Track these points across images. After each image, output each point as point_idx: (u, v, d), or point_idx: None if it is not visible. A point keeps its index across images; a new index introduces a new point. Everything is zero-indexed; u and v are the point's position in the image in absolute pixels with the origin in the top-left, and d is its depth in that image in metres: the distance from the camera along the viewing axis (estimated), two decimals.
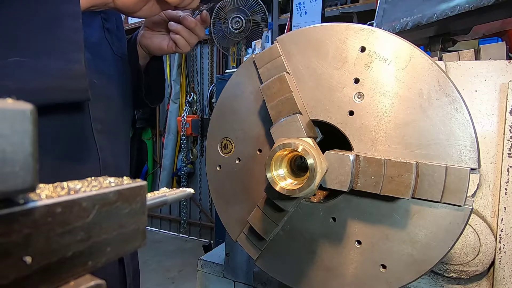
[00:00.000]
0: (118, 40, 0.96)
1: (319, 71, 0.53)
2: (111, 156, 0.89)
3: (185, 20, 0.91)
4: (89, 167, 0.83)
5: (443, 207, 0.45)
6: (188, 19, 0.91)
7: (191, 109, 4.17)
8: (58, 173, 0.75)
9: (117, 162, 0.92)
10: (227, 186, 0.63)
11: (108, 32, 0.93)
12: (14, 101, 0.18)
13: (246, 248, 0.60)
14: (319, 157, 0.45)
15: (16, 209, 0.19)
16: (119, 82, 0.95)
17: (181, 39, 0.93)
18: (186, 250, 4.20)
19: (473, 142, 0.44)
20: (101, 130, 0.86)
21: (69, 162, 0.78)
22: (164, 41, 0.96)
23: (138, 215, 0.28)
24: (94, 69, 0.84)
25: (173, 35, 0.93)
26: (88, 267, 0.24)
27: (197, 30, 0.93)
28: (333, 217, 0.53)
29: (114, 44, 0.94)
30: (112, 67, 0.92)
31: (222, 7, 3.46)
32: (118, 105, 0.94)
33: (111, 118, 0.90)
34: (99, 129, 0.85)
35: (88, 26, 0.86)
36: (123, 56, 0.98)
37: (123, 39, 0.99)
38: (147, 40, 0.99)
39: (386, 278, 0.49)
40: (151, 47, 0.98)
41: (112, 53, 0.93)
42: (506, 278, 0.59)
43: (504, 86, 0.59)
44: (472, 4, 0.69)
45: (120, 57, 0.96)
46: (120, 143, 0.96)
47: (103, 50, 0.90)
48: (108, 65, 0.91)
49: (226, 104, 0.63)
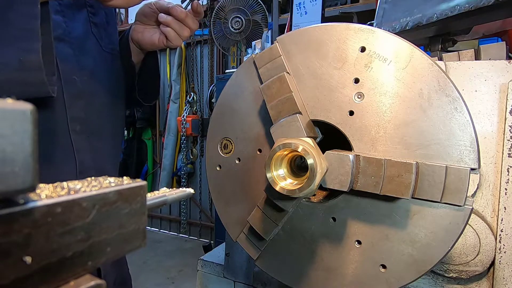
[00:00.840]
0: (108, 35, 0.92)
1: (319, 71, 0.53)
2: (91, 159, 0.84)
3: (174, 10, 0.86)
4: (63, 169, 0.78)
5: (443, 207, 0.45)
6: (177, 10, 0.86)
7: (191, 109, 4.17)
8: None
9: (100, 165, 0.87)
10: (227, 186, 0.63)
11: (96, 27, 0.88)
12: (14, 101, 0.18)
13: (246, 248, 0.60)
14: (319, 157, 0.45)
15: (16, 209, 0.19)
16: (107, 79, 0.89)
17: (171, 32, 0.87)
18: (186, 250, 4.20)
19: (473, 142, 0.44)
20: (80, 130, 0.81)
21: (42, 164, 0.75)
22: (155, 35, 0.91)
23: (138, 215, 0.28)
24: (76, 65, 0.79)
25: (164, 28, 0.88)
26: (88, 267, 0.24)
27: (188, 22, 0.87)
28: (333, 217, 0.53)
29: (102, 39, 0.89)
30: (98, 63, 0.87)
31: (222, 7, 3.46)
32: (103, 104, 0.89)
33: (93, 118, 0.85)
34: (78, 130, 0.80)
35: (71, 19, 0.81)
36: (114, 52, 0.93)
37: (114, 34, 0.95)
38: (138, 34, 0.93)
39: (386, 278, 0.49)
40: (142, 41, 0.93)
41: (99, 49, 0.88)
42: (506, 278, 0.59)
43: (504, 86, 0.59)
44: (472, 4, 0.69)
45: (110, 53, 0.91)
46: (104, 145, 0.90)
47: (87, 45, 0.85)
48: (92, 61, 0.85)
49: (226, 104, 0.63)
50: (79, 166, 0.81)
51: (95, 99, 0.86)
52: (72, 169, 0.80)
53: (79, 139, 0.81)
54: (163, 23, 0.88)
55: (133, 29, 0.95)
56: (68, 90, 0.78)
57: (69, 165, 0.80)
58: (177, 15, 0.86)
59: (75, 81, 0.79)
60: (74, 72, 0.79)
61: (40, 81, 0.60)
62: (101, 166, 0.88)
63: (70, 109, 0.79)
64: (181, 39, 0.90)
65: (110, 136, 0.94)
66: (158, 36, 0.91)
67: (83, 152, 0.82)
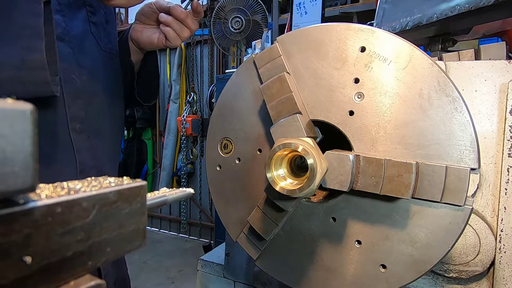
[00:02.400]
0: (107, 35, 0.92)
1: (319, 71, 0.53)
2: (91, 158, 0.84)
3: (175, 10, 0.87)
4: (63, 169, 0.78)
5: (443, 207, 0.45)
6: (178, 10, 0.87)
7: (191, 109, 4.17)
8: None
9: (99, 164, 0.87)
10: (227, 186, 0.63)
11: (95, 26, 0.88)
12: (14, 101, 0.18)
13: (246, 248, 0.60)
14: (319, 157, 0.45)
15: (16, 209, 0.19)
16: (105, 79, 0.89)
17: (171, 31, 0.88)
18: (186, 250, 4.20)
19: (473, 142, 0.44)
20: (80, 129, 0.81)
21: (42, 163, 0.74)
22: (154, 35, 0.92)
23: (138, 215, 0.28)
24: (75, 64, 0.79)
25: (163, 28, 0.88)
26: (88, 267, 0.24)
27: (188, 22, 0.88)
28: (333, 217, 0.53)
29: (101, 39, 0.89)
30: (98, 63, 0.87)
31: (222, 7, 3.46)
32: (102, 103, 0.89)
33: (93, 117, 0.85)
34: (78, 129, 0.80)
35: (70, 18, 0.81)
36: (112, 51, 0.93)
37: (113, 33, 0.95)
38: (137, 33, 0.94)
39: (386, 278, 0.49)
40: (141, 41, 0.94)
41: (98, 48, 0.88)
42: (506, 278, 0.59)
43: (504, 86, 0.59)
44: (472, 4, 0.69)
45: (109, 53, 0.91)
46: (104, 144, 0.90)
47: (86, 44, 0.85)
48: (91, 60, 0.85)
49: (226, 104, 0.63)
50: (79, 165, 0.81)
51: (94, 98, 0.86)
52: (73, 169, 0.80)
53: (79, 139, 0.81)
54: (163, 22, 0.88)
55: (132, 28, 0.96)
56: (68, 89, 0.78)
57: (70, 165, 0.79)
58: (177, 15, 0.87)
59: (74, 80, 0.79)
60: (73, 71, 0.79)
61: (44, 81, 0.59)
62: (101, 166, 0.88)
63: (70, 109, 0.78)
64: (181, 39, 0.90)
65: (109, 136, 0.93)
66: (158, 35, 0.91)
67: (83, 152, 0.82)
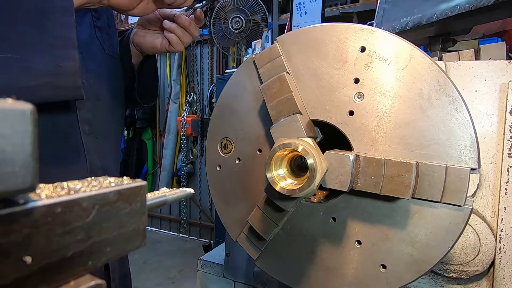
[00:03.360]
0: (109, 38, 0.95)
1: (319, 71, 0.53)
2: (98, 158, 0.87)
3: (180, 18, 0.91)
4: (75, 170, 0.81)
5: (443, 207, 0.45)
6: (182, 18, 0.91)
7: (191, 109, 4.17)
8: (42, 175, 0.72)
9: (105, 165, 0.90)
10: (227, 186, 0.63)
11: (99, 30, 0.91)
12: (14, 101, 0.18)
13: (246, 248, 0.60)
14: (319, 157, 0.45)
15: (16, 209, 0.19)
16: (109, 82, 0.93)
17: (174, 38, 0.92)
18: (186, 250, 4.20)
19: (473, 142, 0.44)
20: (89, 131, 0.84)
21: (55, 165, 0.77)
22: (157, 40, 0.96)
23: (138, 215, 0.28)
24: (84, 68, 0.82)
25: (167, 34, 0.93)
26: (88, 267, 0.24)
27: (191, 29, 0.93)
28: (333, 217, 0.53)
29: (105, 43, 0.93)
30: (102, 66, 0.91)
31: (222, 7, 3.46)
32: (107, 106, 0.93)
33: (99, 119, 0.89)
34: (87, 131, 0.84)
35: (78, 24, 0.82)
36: (114, 54, 0.97)
37: (114, 37, 0.98)
38: (140, 38, 0.98)
39: (386, 278, 0.49)
40: (144, 45, 0.98)
41: (102, 52, 0.92)
42: (506, 278, 0.59)
43: (504, 86, 0.59)
44: (472, 4, 0.69)
45: (111, 56, 0.95)
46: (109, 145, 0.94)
47: (93, 48, 0.89)
48: (97, 64, 0.89)
49: (226, 104, 0.63)
50: (89, 165, 0.84)
51: (100, 101, 0.89)
52: (83, 169, 0.83)
53: (89, 140, 0.84)
54: (168, 29, 0.93)
55: (134, 33, 0.99)
56: None
57: (80, 165, 0.82)
58: (181, 23, 0.92)
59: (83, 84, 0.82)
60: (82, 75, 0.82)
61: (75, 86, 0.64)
62: (107, 166, 0.91)
63: (80, 111, 0.82)
64: (183, 44, 0.95)
65: (113, 137, 0.97)
66: (161, 41, 0.95)
67: (92, 152, 0.85)
